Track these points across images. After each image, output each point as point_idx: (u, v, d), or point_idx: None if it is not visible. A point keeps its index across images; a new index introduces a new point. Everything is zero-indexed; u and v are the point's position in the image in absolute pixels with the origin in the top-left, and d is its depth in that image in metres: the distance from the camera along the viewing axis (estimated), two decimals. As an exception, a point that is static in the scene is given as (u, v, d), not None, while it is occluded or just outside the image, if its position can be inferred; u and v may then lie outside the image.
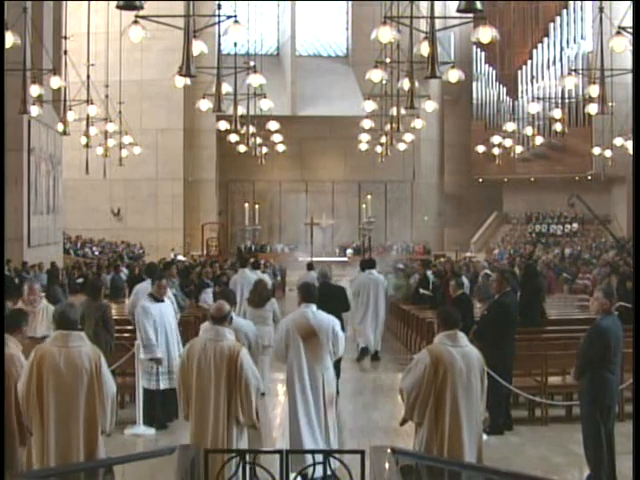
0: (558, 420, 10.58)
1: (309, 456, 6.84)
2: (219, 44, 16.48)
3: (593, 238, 42.23)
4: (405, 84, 16.52)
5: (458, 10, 10.20)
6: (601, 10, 17.60)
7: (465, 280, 14.72)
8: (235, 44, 24.36)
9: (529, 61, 43.51)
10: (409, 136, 30.50)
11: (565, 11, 42.57)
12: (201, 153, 41.23)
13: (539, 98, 33.48)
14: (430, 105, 22.62)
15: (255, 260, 18.78)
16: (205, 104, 21.46)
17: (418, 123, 26.30)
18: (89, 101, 25.14)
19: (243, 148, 32.41)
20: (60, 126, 24.79)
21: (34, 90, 19.61)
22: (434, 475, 5.56)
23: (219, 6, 14.65)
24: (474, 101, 44.75)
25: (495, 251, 41.78)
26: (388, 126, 26.78)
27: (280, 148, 36.19)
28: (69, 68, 23.99)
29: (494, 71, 44.42)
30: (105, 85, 28.94)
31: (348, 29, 44.67)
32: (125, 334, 11.77)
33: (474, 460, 6.49)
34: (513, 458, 9.04)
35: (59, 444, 6.14)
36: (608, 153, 32.91)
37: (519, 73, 43.77)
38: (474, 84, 44.20)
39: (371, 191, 42.60)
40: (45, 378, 6.18)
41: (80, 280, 23.76)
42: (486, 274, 17.07)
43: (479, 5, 9.91)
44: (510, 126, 33.75)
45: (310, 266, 20.68)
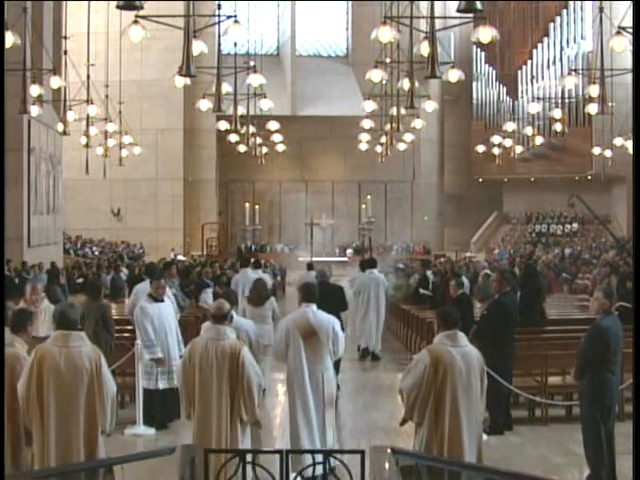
0: (558, 420, 10.58)
1: (309, 456, 6.84)
2: (219, 44, 16.48)
3: (593, 238, 42.23)
4: (405, 84, 16.52)
5: (458, 10, 10.20)
6: (601, 10, 17.61)
7: (465, 280, 14.71)
8: (235, 44, 24.36)
9: (529, 61, 43.52)
10: (409, 136, 30.50)
11: (565, 11, 42.57)
12: (201, 153, 41.24)
13: (539, 98, 33.49)
14: (430, 105, 22.62)
15: (256, 260, 18.78)
16: (205, 104, 21.46)
17: (418, 123, 26.31)
18: (89, 101, 25.14)
19: (243, 148, 32.41)
20: (60, 126, 24.79)
21: (34, 90, 19.60)
22: (434, 475, 5.55)
23: (219, 6, 14.66)
24: (474, 101, 44.76)
25: (495, 251, 41.79)
26: (388, 126, 26.78)
27: (280, 148, 36.20)
28: (69, 68, 24.00)
29: (494, 71, 44.42)
30: (105, 85, 28.94)
31: (348, 29, 44.68)
32: (125, 334, 11.77)
33: (474, 460, 6.49)
34: (513, 458, 9.04)
35: (59, 444, 6.14)
36: (608, 153, 32.92)
37: (519, 73, 43.78)
38: (474, 84, 44.20)
39: (371, 191, 42.61)
40: (45, 378, 6.17)
41: (80, 280, 23.76)
42: (486, 274, 17.06)
43: (479, 5, 9.91)
44: (510, 126, 33.76)
45: (310, 266, 20.70)
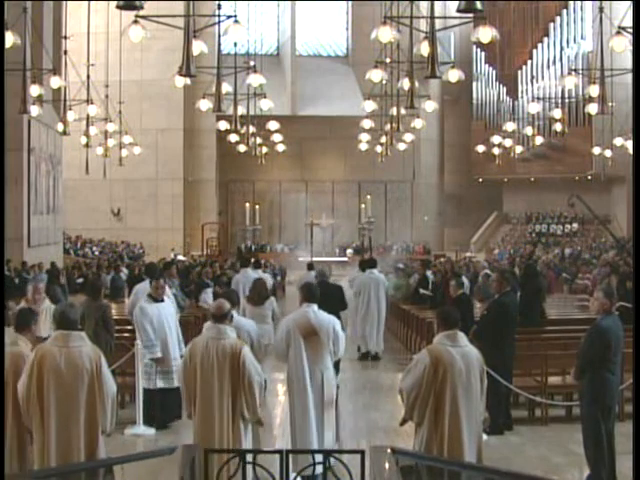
0: (558, 420, 10.58)
1: (309, 455, 6.85)
2: (219, 44, 16.48)
3: (593, 238, 42.23)
4: (405, 84, 16.52)
5: (458, 10, 10.20)
6: (601, 10, 17.61)
7: (465, 280, 14.72)
8: (235, 44, 24.35)
9: (529, 61, 43.52)
10: (409, 136, 30.51)
11: (565, 11, 42.58)
12: (201, 153, 41.25)
13: (539, 98, 33.50)
14: (430, 105, 22.62)
15: (256, 260, 18.80)
16: (205, 104, 21.46)
17: (418, 123, 26.30)
18: (89, 101, 25.15)
19: (243, 148, 32.42)
20: (60, 126, 24.79)
21: (34, 90, 19.61)
22: (434, 475, 5.55)
23: (219, 6, 14.66)
24: (474, 101, 44.76)
25: (495, 251, 41.80)
26: (388, 126, 26.78)
27: (280, 148, 36.21)
28: (69, 68, 24.00)
29: (494, 71, 44.43)
30: (105, 85, 28.95)
31: (348, 29, 44.69)
32: (125, 334, 11.76)
33: (474, 460, 6.48)
34: (513, 458, 9.04)
35: (59, 444, 6.14)
36: (608, 153, 32.92)
37: (519, 73, 43.78)
38: (474, 84, 44.20)
39: (371, 191, 42.61)
40: (46, 378, 6.17)
41: (80, 280, 23.76)
42: (486, 274, 17.05)
43: (479, 5, 9.92)
44: (510, 126, 33.77)
45: (310, 266, 20.70)
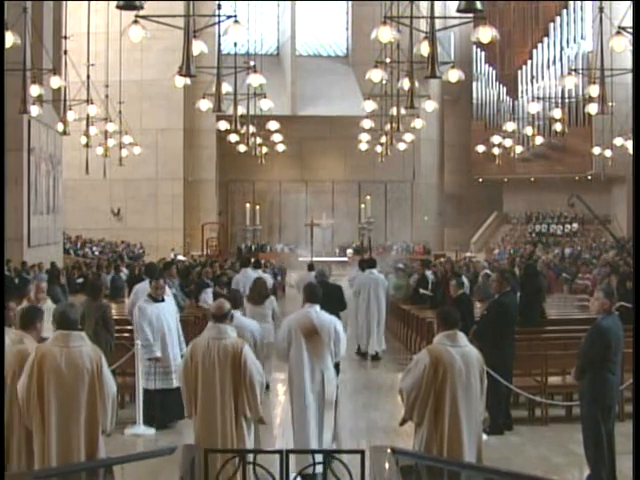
0: (558, 420, 10.58)
1: (309, 455, 6.86)
2: (219, 44, 16.47)
3: (593, 238, 42.23)
4: (405, 84, 16.52)
5: (458, 10, 10.20)
6: (601, 10, 17.61)
7: (465, 280, 14.72)
8: (235, 44, 24.36)
9: (529, 61, 43.52)
10: (409, 136, 30.51)
11: (565, 11, 42.58)
12: (201, 153, 41.25)
13: (539, 98, 33.48)
14: (430, 105, 22.62)
15: (257, 260, 18.81)
16: (205, 104, 21.47)
17: (418, 123, 26.30)
18: (89, 101, 25.15)
19: (243, 148, 32.42)
20: (60, 126, 24.79)
21: (34, 90, 19.60)
22: (434, 475, 5.56)
23: (219, 6, 14.66)
24: (474, 101, 44.76)
25: (495, 251, 41.79)
26: (388, 126, 26.78)
27: (280, 148, 36.22)
28: (69, 68, 24.00)
29: (494, 71, 44.43)
30: (105, 85, 28.95)
31: (348, 29, 44.68)
32: (125, 334, 11.76)
33: (474, 460, 6.49)
34: (513, 458, 9.04)
35: (60, 444, 6.14)
36: (608, 153, 32.92)
37: (519, 73, 43.78)
38: (474, 84, 44.20)
39: (371, 191, 42.61)
40: (46, 378, 6.17)
41: (80, 280, 23.75)
42: (486, 274, 17.06)
43: (479, 5, 9.92)
44: (510, 126, 33.76)
45: (311, 266, 20.69)
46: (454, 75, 17.33)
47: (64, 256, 31.77)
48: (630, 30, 15.35)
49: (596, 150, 35.50)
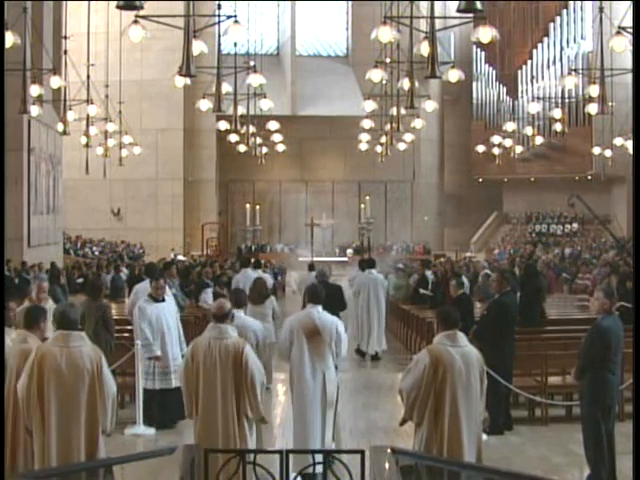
0: (558, 420, 10.58)
1: (309, 455, 6.87)
2: (219, 44, 16.48)
3: (593, 238, 42.22)
4: (405, 84, 16.52)
5: (458, 10, 10.20)
6: (601, 10, 17.61)
7: (465, 280, 14.72)
8: (235, 44, 24.36)
9: (529, 61, 43.51)
10: (409, 136, 30.51)
11: (565, 11, 42.57)
12: (201, 153, 41.24)
13: (539, 98, 33.49)
14: (430, 105, 22.62)
15: (256, 260, 18.82)
16: (205, 104, 21.47)
17: (418, 123, 26.30)
18: (89, 101, 25.15)
19: (243, 148, 32.42)
20: (60, 126, 24.79)
21: (34, 90, 19.60)
22: (434, 475, 5.56)
23: (219, 6, 14.66)
24: (474, 101, 44.75)
25: (495, 251, 41.78)
26: (388, 126, 26.78)
27: (280, 148, 36.21)
28: (69, 68, 24.00)
29: (494, 71, 44.42)
30: (105, 85, 28.95)
31: (348, 29, 44.67)
32: (125, 334, 11.77)
33: (473, 460, 6.48)
34: (513, 458, 9.04)
35: (60, 444, 6.14)
36: (608, 153, 32.92)
37: (519, 73, 43.77)
38: (474, 84, 44.19)
39: (371, 191, 42.60)
40: (46, 378, 6.17)
41: (80, 280, 23.75)
42: (486, 274, 17.06)
43: (479, 5, 9.92)
44: (510, 126, 33.76)
45: (311, 267, 20.70)
46: (454, 75, 17.33)
47: (64, 256, 31.78)
48: (630, 30, 15.35)
49: (596, 150, 35.50)
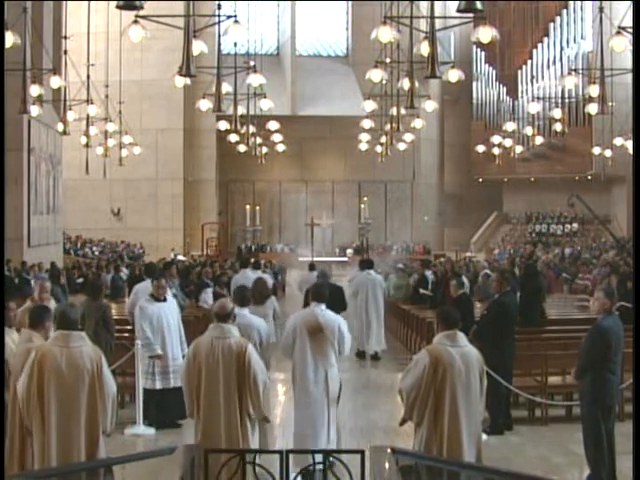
0: (558, 420, 10.58)
1: (309, 455, 6.87)
2: (219, 44, 16.49)
3: (593, 238, 42.22)
4: (405, 84, 16.52)
5: (458, 10, 10.21)
6: (601, 10, 17.62)
7: (465, 280, 14.72)
8: (235, 44, 24.36)
9: (529, 61, 43.51)
10: (409, 136, 30.52)
11: (565, 11, 42.56)
12: (201, 153, 41.24)
13: (539, 98, 33.48)
14: (430, 105, 22.62)
15: (256, 260, 18.83)
16: (205, 104, 21.47)
17: (418, 123, 26.30)
18: (89, 101, 25.16)
19: (243, 148, 32.43)
20: (60, 126, 24.80)
21: (34, 90, 19.61)
22: (434, 475, 5.56)
23: (219, 6, 14.67)
24: (474, 101, 44.75)
25: (495, 251, 41.78)
26: (388, 126, 26.79)
27: (280, 148, 36.23)
28: (69, 68, 24.01)
29: (494, 71, 44.42)
30: (105, 85, 28.95)
31: (348, 29, 44.67)
32: (125, 334, 11.77)
33: (473, 460, 6.48)
34: (513, 458, 9.04)
35: (60, 444, 6.14)
36: (608, 153, 32.92)
37: (519, 73, 43.77)
38: (474, 84, 44.19)
39: (371, 191, 42.62)
40: (46, 378, 6.16)
41: (80, 280, 23.76)
42: (486, 274, 17.07)
43: (479, 5, 9.92)
44: (510, 126, 33.76)
45: (312, 266, 20.71)
46: (454, 75, 17.33)
47: (64, 256, 31.78)
48: (630, 30, 15.36)
49: (596, 150, 35.50)
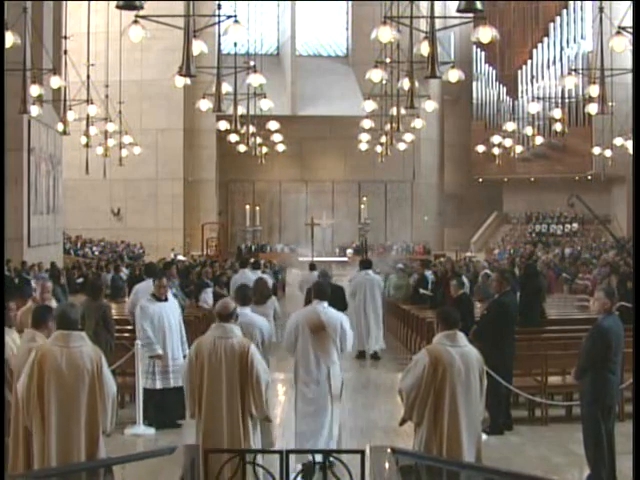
0: (558, 420, 10.58)
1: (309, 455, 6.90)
2: (219, 44, 16.49)
3: (593, 238, 42.21)
4: (405, 84, 16.52)
5: (458, 10, 10.21)
6: (601, 10, 17.62)
7: (465, 280, 14.72)
8: (235, 44, 24.36)
9: (529, 61, 43.51)
10: (409, 136, 30.52)
11: (565, 11, 42.56)
12: (201, 153, 41.24)
13: (539, 98, 33.48)
14: (430, 105, 22.63)
15: (255, 260, 18.83)
16: (205, 104, 21.48)
17: (418, 123, 26.30)
18: (89, 101, 25.16)
19: (243, 148, 32.43)
20: (60, 126, 24.80)
21: (34, 90, 19.61)
22: (434, 475, 5.56)
23: (219, 6, 14.67)
24: (474, 101, 44.75)
25: (495, 251, 41.78)
26: (388, 126, 26.79)
27: (280, 148, 36.23)
28: (69, 68, 24.01)
29: (494, 71, 44.42)
30: (105, 85, 28.95)
31: (348, 29, 44.66)
32: (125, 334, 11.77)
33: (473, 460, 6.48)
34: (513, 458, 9.04)
35: (60, 444, 6.14)
36: (608, 153, 32.92)
37: (519, 73, 43.77)
38: (474, 84, 44.19)
39: (371, 191, 42.61)
40: (46, 378, 6.16)
41: (80, 280, 23.76)
42: (486, 274, 17.06)
43: (479, 5, 9.93)
44: (510, 126, 33.76)
45: (312, 266, 20.72)
46: (454, 75, 17.34)
47: (64, 256, 31.78)
48: (630, 30, 15.36)
49: (596, 150, 35.51)
